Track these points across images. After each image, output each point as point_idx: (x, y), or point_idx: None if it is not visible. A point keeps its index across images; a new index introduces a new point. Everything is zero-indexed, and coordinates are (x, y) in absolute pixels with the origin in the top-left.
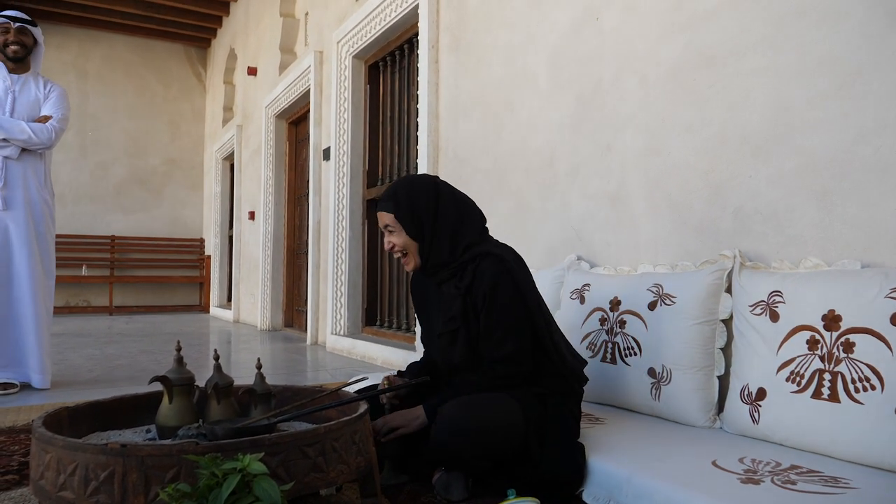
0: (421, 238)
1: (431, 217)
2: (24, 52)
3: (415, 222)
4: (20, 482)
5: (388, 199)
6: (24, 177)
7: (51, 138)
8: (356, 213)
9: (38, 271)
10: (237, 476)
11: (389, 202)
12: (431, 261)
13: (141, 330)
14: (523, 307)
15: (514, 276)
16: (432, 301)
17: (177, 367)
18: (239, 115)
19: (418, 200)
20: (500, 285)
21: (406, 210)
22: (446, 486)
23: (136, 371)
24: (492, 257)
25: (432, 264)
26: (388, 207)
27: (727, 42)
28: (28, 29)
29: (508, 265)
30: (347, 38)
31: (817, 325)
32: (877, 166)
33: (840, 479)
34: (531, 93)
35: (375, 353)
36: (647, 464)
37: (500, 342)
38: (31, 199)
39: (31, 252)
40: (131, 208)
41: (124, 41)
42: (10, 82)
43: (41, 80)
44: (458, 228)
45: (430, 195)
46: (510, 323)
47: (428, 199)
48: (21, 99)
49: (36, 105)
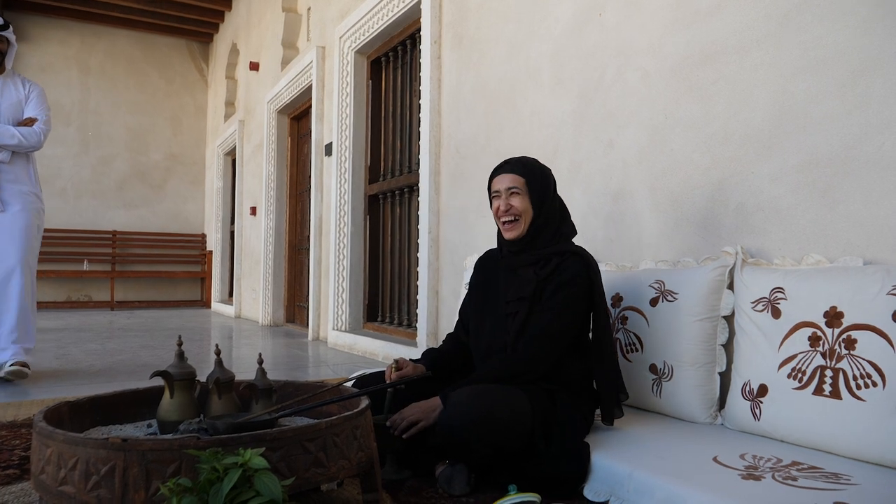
0: (539, 210)
1: (550, 198)
2: (1, 57)
3: (539, 194)
4: (21, 477)
5: (521, 165)
6: (17, 178)
7: (40, 140)
8: (358, 209)
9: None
10: (238, 471)
11: (523, 167)
12: (535, 235)
13: (142, 325)
14: (582, 312)
15: (592, 282)
16: (497, 283)
17: (178, 361)
18: (241, 110)
19: (548, 181)
20: (577, 283)
21: (537, 181)
22: (449, 480)
23: (137, 366)
24: (578, 257)
25: (532, 239)
26: (520, 171)
27: (730, 38)
28: (3, 35)
29: (591, 270)
30: (350, 33)
31: (819, 322)
32: (879, 163)
33: (841, 476)
34: (533, 88)
35: (377, 349)
36: (648, 460)
37: (549, 322)
38: (25, 197)
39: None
40: (133, 203)
41: (126, 36)
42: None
43: (18, 79)
44: (562, 219)
45: (552, 180)
46: (566, 312)
47: (551, 182)
48: (4, 101)
49: (19, 106)
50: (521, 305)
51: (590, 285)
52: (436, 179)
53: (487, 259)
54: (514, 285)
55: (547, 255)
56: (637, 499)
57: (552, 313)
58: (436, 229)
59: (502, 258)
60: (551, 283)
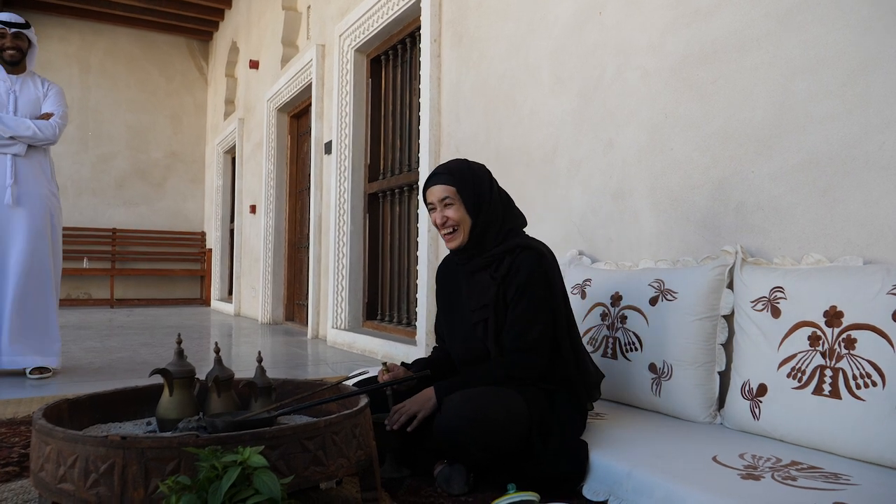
0: (476, 215)
1: (487, 199)
2: (20, 55)
3: (474, 200)
4: (20, 474)
5: (449, 174)
6: (34, 173)
7: (55, 133)
8: (357, 207)
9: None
10: (237, 469)
11: (450, 176)
12: (478, 240)
13: (142, 323)
14: (551, 304)
15: (549, 273)
16: (460, 290)
17: (177, 359)
18: (241, 108)
19: (479, 181)
20: (535, 279)
21: (469, 186)
22: (447, 479)
23: (136, 364)
24: (530, 251)
25: (476, 244)
26: (449, 181)
27: (730, 37)
28: (23, 33)
29: (545, 261)
30: (350, 31)
31: (819, 322)
32: (880, 163)
33: (840, 476)
34: (533, 87)
35: (376, 348)
36: (648, 459)
37: (523, 332)
38: (42, 194)
39: (47, 243)
40: (133, 201)
41: (127, 34)
42: (10, 83)
43: (38, 78)
44: (505, 217)
45: (487, 179)
46: (537, 316)
47: (485, 182)
48: (22, 98)
49: (37, 103)
50: (486, 313)
51: (546, 278)
52: None
53: (447, 266)
54: (476, 292)
55: (498, 254)
56: (636, 498)
57: (524, 324)
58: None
59: (458, 263)
60: (510, 285)
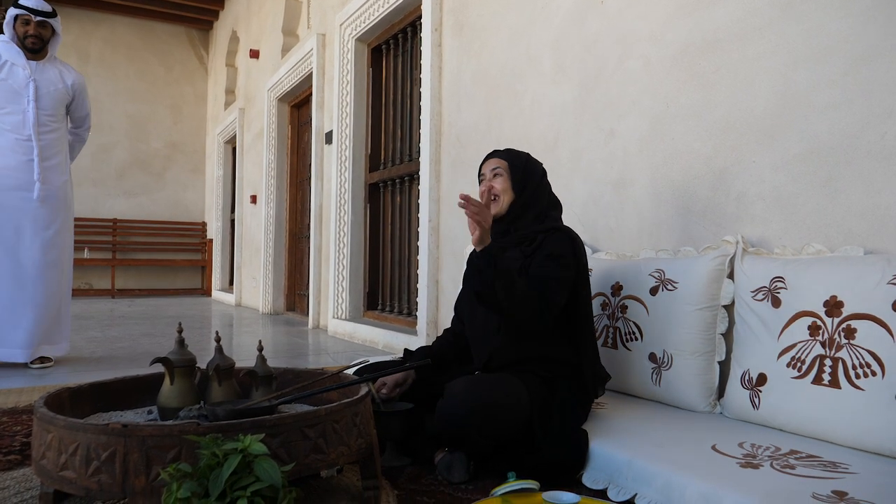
0: (520, 194)
1: (535, 187)
2: (42, 44)
3: (523, 180)
4: (22, 462)
5: (507, 152)
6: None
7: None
8: (358, 197)
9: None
10: (238, 456)
11: (507, 153)
12: (515, 217)
13: (143, 313)
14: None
15: (578, 255)
16: None
17: (178, 348)
18: (241, 98)
19: (533, 168)
20: (562, 252)
21: (520, 166)
22: (448, 467)
23: (137, 353)
24: (563, 233)
25: (513, 220)
26: (504, 157)
27: (733, 26)
28: (48, 22)
29: (576, 244)
30: (350, 20)
31: (819, 312)
32: (882, 153)
33: (839, 465)
34: (534, 77)
35: (377, 337)
36: (647, 448)
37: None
38: (61, 184)
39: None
40: (133, 192)
41: (126, 23)
42: (29, 70)
43: (58, 62)
44: (547, 207)
45: (540, 169)
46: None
47: (537, 171)
48: (42, 86)
49: (55, 92)
50: None
51: (574, 255)
52: (436, 168)
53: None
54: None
55: (531, 233)
56: (636, 486)
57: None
58: (436, 218)
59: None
60: (537, 256)
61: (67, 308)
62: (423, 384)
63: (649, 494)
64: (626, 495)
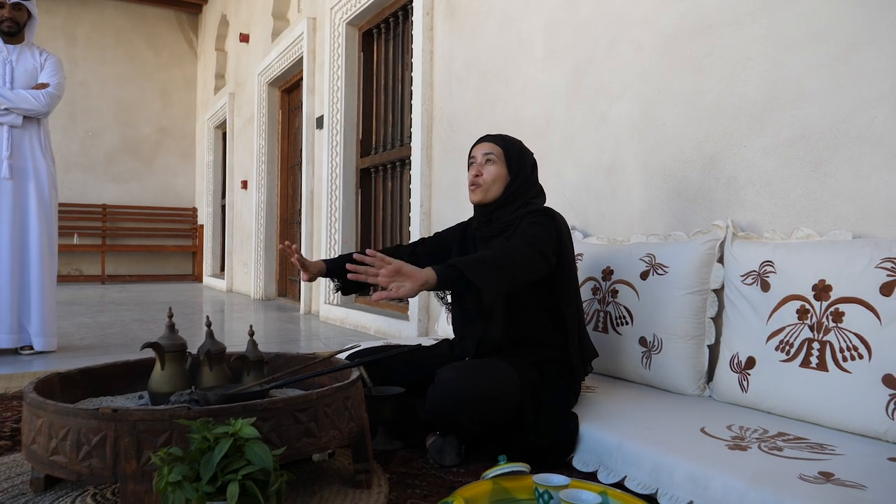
0: (511, 183)
1: (527, 174)
2: (17, 27)
3: (516, 170)
4: (13, 448)
5: (500, 138)
6: (30, 145)
7: (47, 104)
8: (349, 182)
9: (45, 237)
10: (229, 440)
11: (502, 139)
12: (502, 204)
13: (133, 299)
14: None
15: (559, 232)
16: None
17: (169, 333)
18: (231, 82)
19: (524, 156)
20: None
21: (514, 154)
22: (440, 451)
23: (128, 339)
24: (545, 214)
25: (499, 206)
26: (499, 143)
27: (724, 11)
28: (23, 5)
29: (556, 222)
30: (341, 4)
31: (808, 295)
32: (871, 138)
33: (826, 446)
34: (526, 61)
35: (368, 323)
36: (637, 431)
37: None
38: (38, 168)
39: (39, 218)
40: (122, 177)
41: (114, 6)
42: (6, 53)
43: (36, 49)
44: (534, 198)
45: (531, 159)
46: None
47: (529, 160)
48: (19, 69)
49: (33, 74)
50: None
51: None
52: (428, 153)
53: (463, 232)
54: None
55: (513, 219)
56: (625, 469)
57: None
58: (428, 203)
59: (475, 229)
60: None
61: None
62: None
63: (639, 476)
64: (616, 477)
